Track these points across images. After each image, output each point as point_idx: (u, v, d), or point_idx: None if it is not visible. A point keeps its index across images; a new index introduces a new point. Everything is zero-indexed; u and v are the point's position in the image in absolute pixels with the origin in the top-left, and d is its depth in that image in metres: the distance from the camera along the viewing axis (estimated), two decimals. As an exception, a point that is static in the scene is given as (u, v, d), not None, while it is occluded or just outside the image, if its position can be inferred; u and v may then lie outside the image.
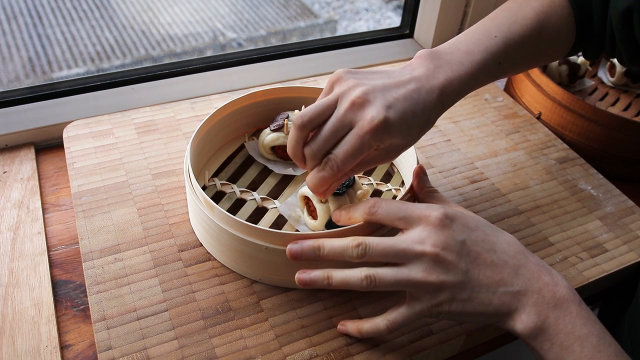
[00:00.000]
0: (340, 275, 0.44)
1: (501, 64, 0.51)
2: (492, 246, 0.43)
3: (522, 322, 0.41)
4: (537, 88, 0.76)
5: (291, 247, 0.45)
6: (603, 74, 0.88)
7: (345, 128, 0.44)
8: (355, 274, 0.43)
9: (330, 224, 0.52)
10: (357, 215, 0.46)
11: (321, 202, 0.52)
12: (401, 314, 0.44)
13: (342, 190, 0.52)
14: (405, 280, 0.42)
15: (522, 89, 0.80)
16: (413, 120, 0.45)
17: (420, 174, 0.51)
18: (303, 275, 0.45)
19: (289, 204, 0.57)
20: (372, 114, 0.43)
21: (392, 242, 0.43)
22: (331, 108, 0.44)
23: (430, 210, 0.43)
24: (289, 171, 0.62)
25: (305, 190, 0.54)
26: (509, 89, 0.84)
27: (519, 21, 0.52)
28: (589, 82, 0.85)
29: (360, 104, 0.43)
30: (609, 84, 0.86)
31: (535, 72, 0.77)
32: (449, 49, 0.50)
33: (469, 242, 0.43)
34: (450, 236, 0.42)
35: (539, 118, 0.77)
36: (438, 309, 0.43)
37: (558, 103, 0.74)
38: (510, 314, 0.42)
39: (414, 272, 0.42)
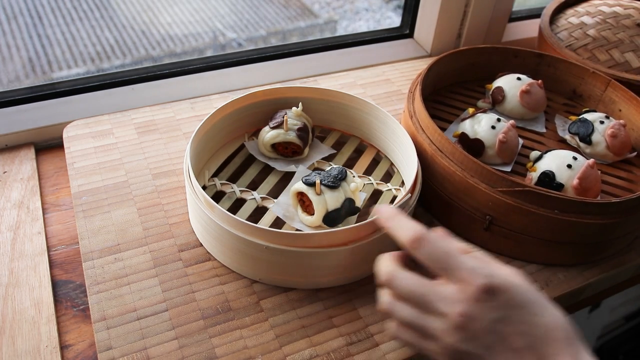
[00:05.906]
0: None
1: None
2: (529, 330, 0.37)
3: None
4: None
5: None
6: None
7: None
8: (381, 297, 0.41)
9: (327, 218, 0.52)
10: (397, 233, 0.41)
11: (317, 194, 0.52)
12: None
13: (336, 184, 0.52)
14: (420, 327, 0.39)
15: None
16: None
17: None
18: None
19: (281, 204, 0.57)
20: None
21: (421, 284, 0.39)
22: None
23: (475, 277, 0.37)
24: (291, 168, 0.62)
25: (298, 185, 0.54)
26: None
27: None
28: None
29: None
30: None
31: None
32: None
33: (504, 320, 0.37)
34: (483, 312, 0.37)
35: None
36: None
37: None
38: None
39: (433, 324, 0.38)
